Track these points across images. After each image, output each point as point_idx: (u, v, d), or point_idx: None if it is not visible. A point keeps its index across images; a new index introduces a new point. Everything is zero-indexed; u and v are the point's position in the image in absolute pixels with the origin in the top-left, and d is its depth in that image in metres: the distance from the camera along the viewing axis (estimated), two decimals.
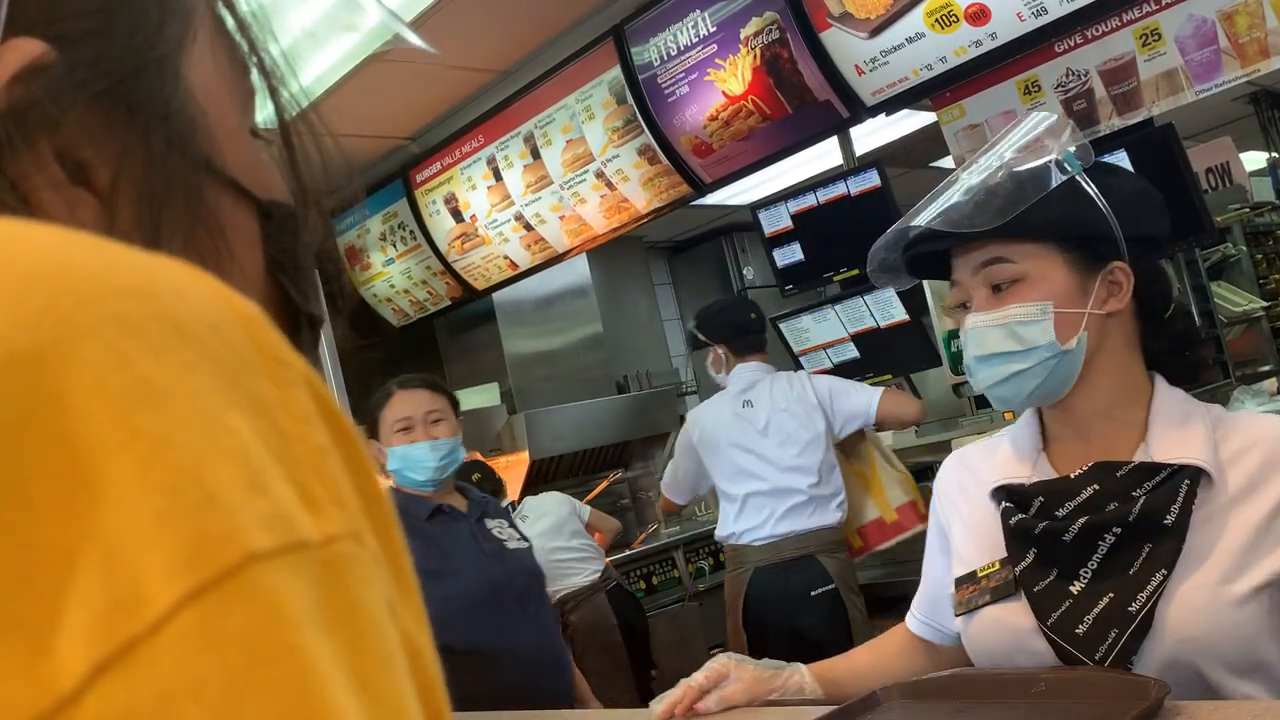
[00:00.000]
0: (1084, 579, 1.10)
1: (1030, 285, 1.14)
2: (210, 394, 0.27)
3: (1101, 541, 1.10)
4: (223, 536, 0.25)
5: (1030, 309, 1.14)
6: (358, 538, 0.28)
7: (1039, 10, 2.69)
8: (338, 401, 0.32)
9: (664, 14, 3.40)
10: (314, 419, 0.30)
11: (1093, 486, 1.13)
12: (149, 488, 0.25)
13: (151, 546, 0.25)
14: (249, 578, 0.25)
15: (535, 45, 3.80)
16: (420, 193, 4.44)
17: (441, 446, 2.35)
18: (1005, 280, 1.15)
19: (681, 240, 6.30)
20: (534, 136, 3.91)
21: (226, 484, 0.26)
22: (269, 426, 0.28)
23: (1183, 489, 1.08)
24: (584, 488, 4.82)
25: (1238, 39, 2.60)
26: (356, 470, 0.30)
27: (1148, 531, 1.08)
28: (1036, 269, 1.14)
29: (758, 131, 3.33)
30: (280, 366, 0.30)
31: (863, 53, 3.01)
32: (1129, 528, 1.08)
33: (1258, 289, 4.88)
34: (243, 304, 0.31)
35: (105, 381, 0.26)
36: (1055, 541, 1.12)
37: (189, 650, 0.24)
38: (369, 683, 0.26)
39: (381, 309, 4.97)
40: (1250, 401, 2.89)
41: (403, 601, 0.30)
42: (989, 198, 1.13)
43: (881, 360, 3.63)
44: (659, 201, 3.73)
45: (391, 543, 0.31)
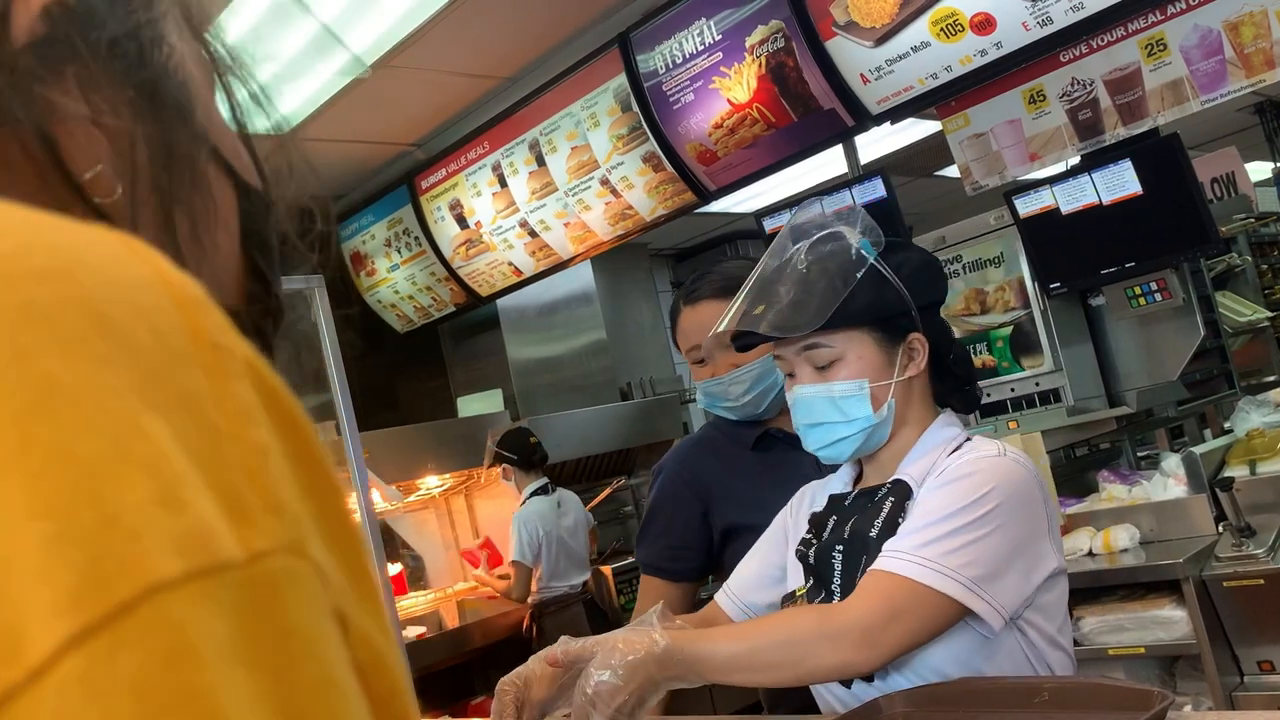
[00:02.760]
0: (836, 592, 1.31)
1: (846, 364, 1.32)
2: (125, 394, 0.24)
3: (834, 559, 1.32)
4: (120, 566, 0.22)
5: (849, 386, 1.32)
6: (295, 549, 0.26)
7: (1044, 20, 2.70)
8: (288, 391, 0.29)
9: (669, 22, 3.41)
10: (253, 414, 0.27)
11: (833, 517, 1.37)
12: (39, 510, 0.22)
13: (38, 578, 0.22)
14: (149, 612, 0.22)
15: (540, 52, 3.81)
16: (425, 199, 4.45)
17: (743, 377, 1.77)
18: (825, 361, 1.33)
19: (686, 247, 6.30)
20: (539, 143, 3.92)
21: (132, 502, 0.23)
22: (196, 427, 0.25)
23: (887, 504, 1.30)
24: (587, 494, 4.82)
25: (1243, 49, 2.60)
26: (306, 466, 0.28)
27: (861, 546, 1.29)
28: (851, 349, 1.32)
29: (762, 139, 3.33)
30: (218, 354, 0.27)
31: (868, 61, 3.01)
32: (846, 545, 1.31)
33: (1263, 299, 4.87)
34: (181, 285, 0.28)
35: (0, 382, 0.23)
36: (812, 563, 1.35)
37: (70, 703, 0.21)
38: (299, 714, 0.24)
39: (386, 315, 4.98)
40: (1255, 411, 2.88)
41: (361, 605, 0.28)
42: (805, 297, 1.30)
43: None
44: (663, 209, 3.73)
45: (347, 543, 0.29)
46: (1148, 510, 2.67)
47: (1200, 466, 2.65)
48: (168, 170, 0.39)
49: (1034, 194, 3.07)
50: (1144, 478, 2.80)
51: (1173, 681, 2.47)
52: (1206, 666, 2.34)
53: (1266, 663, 2.34)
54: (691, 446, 1.90)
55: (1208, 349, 3.41)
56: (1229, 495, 2.43)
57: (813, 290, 1.31)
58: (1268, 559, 2.31)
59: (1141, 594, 2.45)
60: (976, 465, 1.26)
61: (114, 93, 0.38)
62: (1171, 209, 2.89)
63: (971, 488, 1.23)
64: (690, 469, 1.84)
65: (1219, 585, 2.34)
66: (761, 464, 1.80)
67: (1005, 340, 3.22)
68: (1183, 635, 2.37)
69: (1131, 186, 2.92)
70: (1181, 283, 3.08)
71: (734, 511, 1.76)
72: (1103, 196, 2.97)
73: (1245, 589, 2.31)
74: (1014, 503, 1.23)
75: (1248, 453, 2.71)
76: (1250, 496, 2.52)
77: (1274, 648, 2.33)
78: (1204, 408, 3.71)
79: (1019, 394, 3.24)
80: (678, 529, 1.82)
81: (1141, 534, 2.64)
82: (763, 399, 1.78)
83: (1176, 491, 2.67)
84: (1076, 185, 3.01)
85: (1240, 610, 2.34)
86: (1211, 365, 3.58)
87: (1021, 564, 1.22)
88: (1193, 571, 2.36)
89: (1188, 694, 2.39)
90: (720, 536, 1.79)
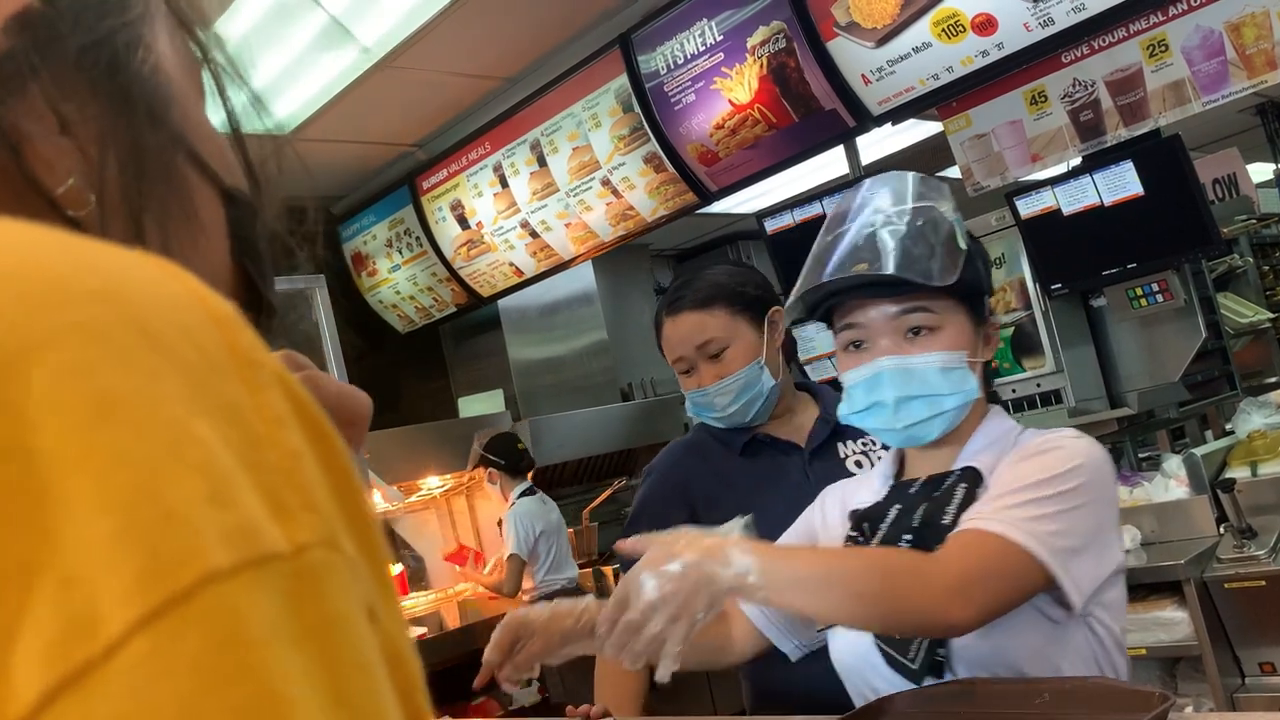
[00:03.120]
0: None
1: (945, 334, 1.25)
2: (176, 402, 0.27)
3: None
4: (180, 556, 0.24)
5: (954, 356, 1.25)
6: (332, 544, 0.28)
7: (1046, 21, 2.69)
8: (315, 401, 0.31)
9: (671, 22, 3.41)
10: (287, 421, 0.29)
11: (896, 506, 1.28)
12: (105, 506, 0.24)
13: (107, 568, 0.24)
14: (207, 598, 0.24)
15: (542, 53, 3.81)
16: (427, 199, 4.45)
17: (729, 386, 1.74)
18: (925, 327, 1.25)
19: (687, 248, 6.30)
20: (540, 144, 3.92)
21: (187, 499, 0.25)
22: (239, 433, 0.27)
23: (959, 491, 1.22)
24: (588, 495, 4.82)
25: (1245, 50, 2.60)
26: (333, 471, 0.30)
27: (930, 535, 1.19)
28: (950, 321, 1.26)
29: (764, 140, 3.33)
30: (253, 368, 0.29)
31: (869, 62, 3.01)
32: (915, 534, 1.22)
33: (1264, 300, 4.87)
34: (216, 303, 0.30)
35: (65, 394, 0.26)
36: None
37: (142, 677, 0.23)
38: (344, 695, 0.26)
39: (387, 315, 4.98)
40: (1256, 413, 2.88)
41: (384, 604, 0.29)
42: (924, 251, 1.22)
43: None
44: (665, 209, 3.73)
45: (371, 544, 0.30)
46: (1149, 511, 2.67)
47: (1201, 468, 2.65)
48: (138, 179, 0.40)
49: (1035, 195, 3.07)
50: (1145, 479, 2.80)
51: (1174, 683, 2.47)
52: (1208, 668, 2.34)
53: (1268, 664, 2.34)
54: (683, 450, 1.87)
55: (1209, 350, 3.40)
56: (1230, 497, 2.43)
57: (932, 247, 1.22)
58: (1269, 560, 2.31)
59: (1143, 595, 2.45)
60: (1060, 442, 1.22)
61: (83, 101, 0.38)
62: (1173, 210, 2.89)
63: (1058, 461, 1.18)
64: (680, 473, 1.81)
65: (1220, 587, 2.34)
66: (750, 470, 1.76)
67: (1006, 341, 3.22)
68: (1184, 636, 2.37)
69: (1133, 187, 2.92)
70: (1183, 284, 3.08)
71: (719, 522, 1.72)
72: (1104, 197, 2.97)
73: (1246, 590, 2.31)
74: (1097, 484, 1.18)
75: (1249, 454, 2.71)
76: (1251, 498, 2.52)
77: (1275, 649, 2.33)
78: (1205, 409, 3.71)
79: (1020, 395, 3.24)
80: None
81: (1143, 535, 2.64)
82: (749, 408, 1.75)
83: (1178, 493, 2.67)
84: (1078, 186, 3.01)
85: (1241, 612, 2.34)
86: (1213, 367, 3.57)
87: (1096, 548, 1.17)
88: (1194, 573, 2.36)
89: (1189, 695, 2.39)
90: None
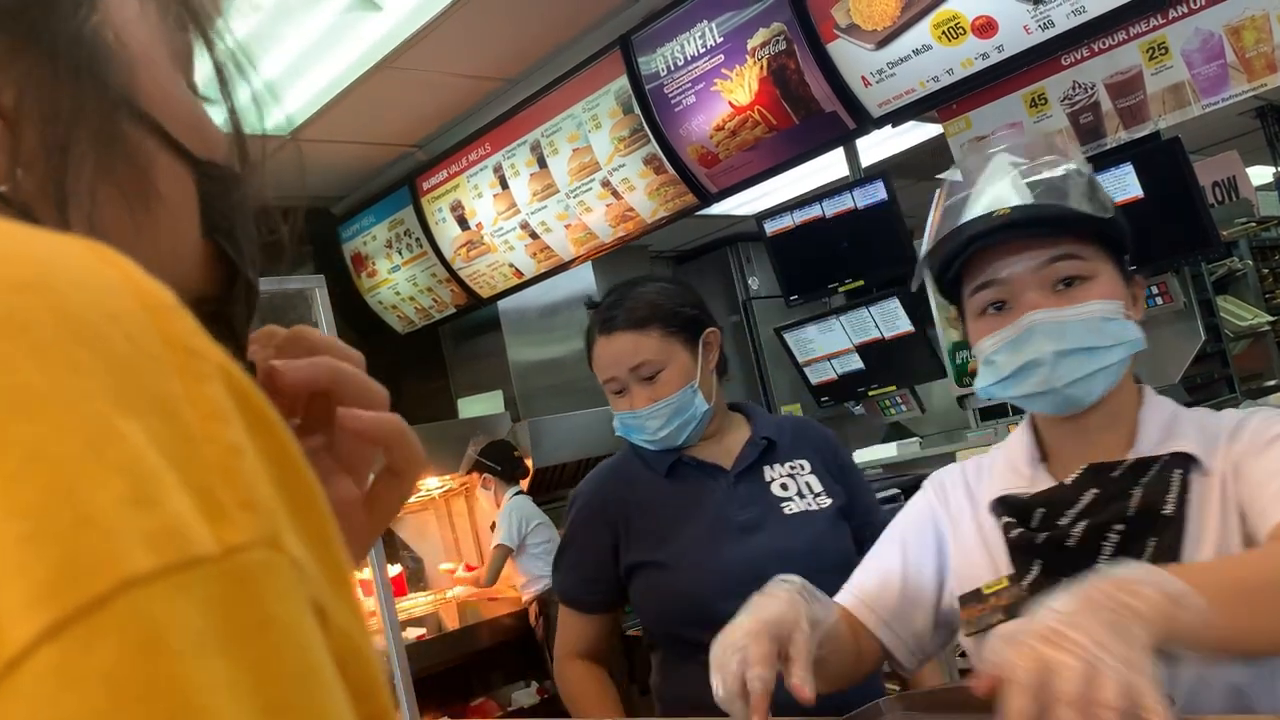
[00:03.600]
0: None
1: (1099, 284, 1.12)
2: (99, 397, 0.25)
3: (1105, 542, 1.08)
4: (94, 561, 0.23)
5: (1110, 305, 1.12)
6: (273, 543, 0.26)
7: (1046, 23, 2.70)
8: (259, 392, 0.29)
9: (671, 24, 3.41)
10: (227, 415, 0.27)
11: (1092, 491, 1.12)
12: (15, 509, 0.23)
13: (14, 575, 0.22)
14: (122, 606, 0.23)
15: (542, 54, 3.81)
16: (427, 200, 4.45)
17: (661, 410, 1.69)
18: (1077, 276, 1.12)
19: (687, 250, 6.30)
20: (540, 145, 3.92)
21: (106, 501, 0.24)
22: (170, 429, 0.26)
23: (1175, 477, 1.08)
24: None
25: (1244, 53, 2.60)
26: (281, 465, 0.28)
27: (1148, 525, 1.07)
28: (1102, 270, 1.13)
29: (764, 142, 3.33)
30: (191, 358, 0.28)
31: (870, 64, 3.01)
32: (1130, 523, 1.07)
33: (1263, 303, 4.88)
34: (152, 290, 0.28)
35: None
36: (1059, 550, 1.10)
37: (49, 690, 0.22)
38: (277, 704, 0.24)
39: (387, 316, 4.98)
40: None
41: (338, 600, 0.28)
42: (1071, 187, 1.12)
43: (886, 371, 3.63)
44: (665, 211, 3.73)
45: (324, 540, 0.29)
46: None
47: None
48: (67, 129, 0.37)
49: None
50: None
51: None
52: None
53: None
54: (608, 473, 1.81)
55: (1208, 353, 3.41)
56: None
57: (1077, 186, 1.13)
58: None
59: None
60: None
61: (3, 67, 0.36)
62: (1173, 213, 2.89)
63: None
64: (604, 498, 1.76)
65: None
66: (673, 493, 1.71)
67: None
68: None
69: (1133, 190, 2.92)
70: (1182, 286, 3.08)
71: (642, 549, 1.69)
72: None
73: None
74: None
75: None
76: None
77: None
78: None
79: None
80: (589, 561, 1.74)
81: None
82: (681, 431, 1.70)
83: None
84: None
85: None
86: (1212, 369, 3.58)
87: None
88: None
89: None
90: (625, 572, 1.71)
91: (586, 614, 1.77)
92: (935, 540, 1.28)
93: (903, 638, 1.27)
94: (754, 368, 6.00)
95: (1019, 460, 1.22)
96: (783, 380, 5.78)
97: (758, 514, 1.67)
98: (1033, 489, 1.17)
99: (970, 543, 1.23)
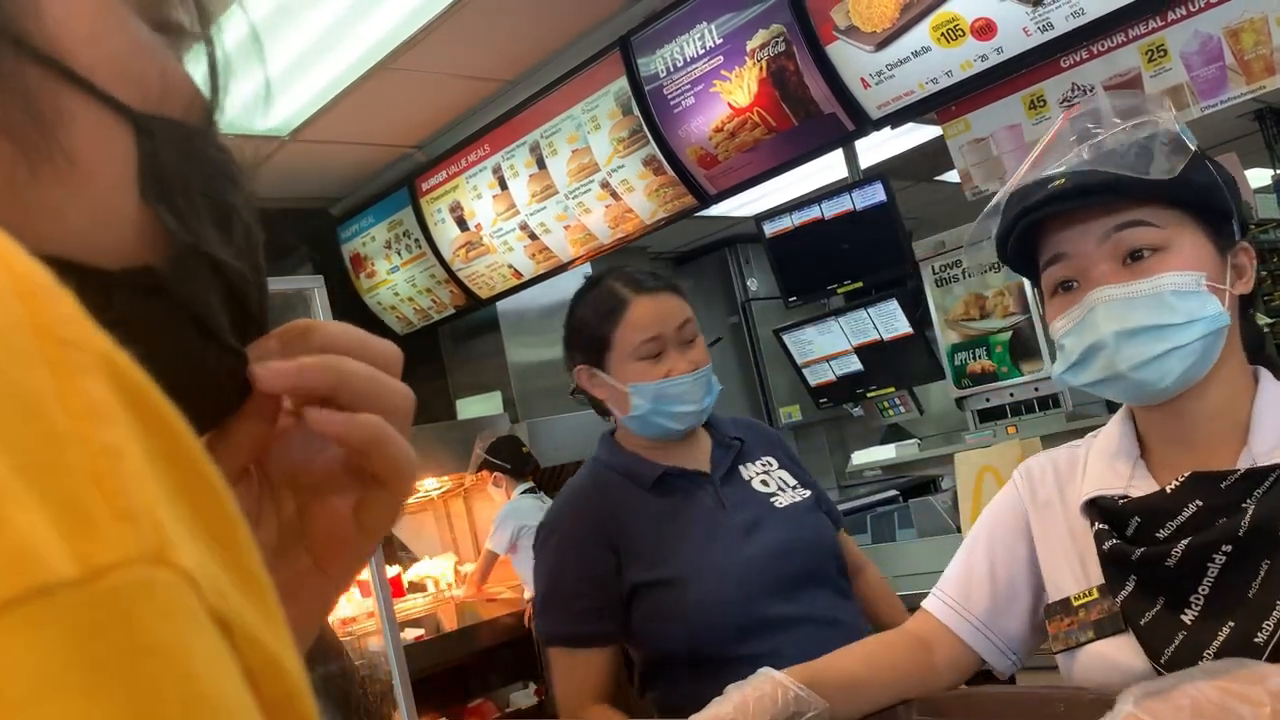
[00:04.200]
0: (1196, 607, 0.97)
1: (1174, 254, 1.01)
2: None
3: (1211, 563, 0.97)
4: None
5: (1184, 278, 1.00)
6: (154, 557, 0.22)
7: (1045, 25, 2.70)
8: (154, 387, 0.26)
9: (671, 25, 3.41)
10: (106, 413, 0.24)
11: (1195, 503, 1.00)
12: None
13: None
14: None
15: (542, 55, 3.81)
16: (426, 201, 4.45)
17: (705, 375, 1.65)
18: (1147, 247, 1.01)
19: (686, 251, 6.30)
20: (540, 146, 3.92)
21: None
22: (32, 431, 0.23)
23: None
24: None
25: (1243, 56, 2.60)
26: (178, 465, 0.25)
27: (1263, 547, 0.95)
28: (1179, 238, 1.02)
29: (763, 143, 3.33)
30: (64, 349, 0.24)
31: (869, 66, 3.01)
32: (1240, 544, 0.96)
33: (1262, 306, 4.88)
34: (23, 271, 0.25)
35: None
36: (1157, 567, 1.00)
37: None
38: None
39: (386, 317, 4.98)
40: None
41: (252, 606, 0.25)
42: (1144, 151, 1.00)
43: (885, 373, 3.63)
44: (664, 212, 3.74)
45: (231, 542, 0.26)
46: None
47: None
48: None
49: None
50: None
51: None
52: None
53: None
54: (590, 493, 1.68)
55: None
56: None
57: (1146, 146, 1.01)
58: None
59: None
60: None
61: None
62: None
63: None
64: (596, 518, 1.63)
65: None
66: (664, 506, 1.62)
67: (1004, 345, 3.22)
68: None
69: None
70: None
71: (640, 568, 1.58)
72: None
73: None
74: None
75: None
76: None
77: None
78: None
79: (1018, 399, 3.24)
80: (591, 590, 1.58)
81: None
82: (706, 412, 1.64)
83: None
84: None
85: None
86: None
87: None
88: None
89: None
90: (628, 594, 1.58)
91: (596, 648, 1.59)
92: (1026, 537, 1.19)
93: (997, 642, 1.20)
94: (752, 369, 6.01)
95: (1115, 455, 1.11)
96: (781, 382, 5.79)
97: (753, 513, 1.63)
98: (1129, 489, 1.07)
99: (1058, 543, 1.14)
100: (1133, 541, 1.03)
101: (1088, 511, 1.09)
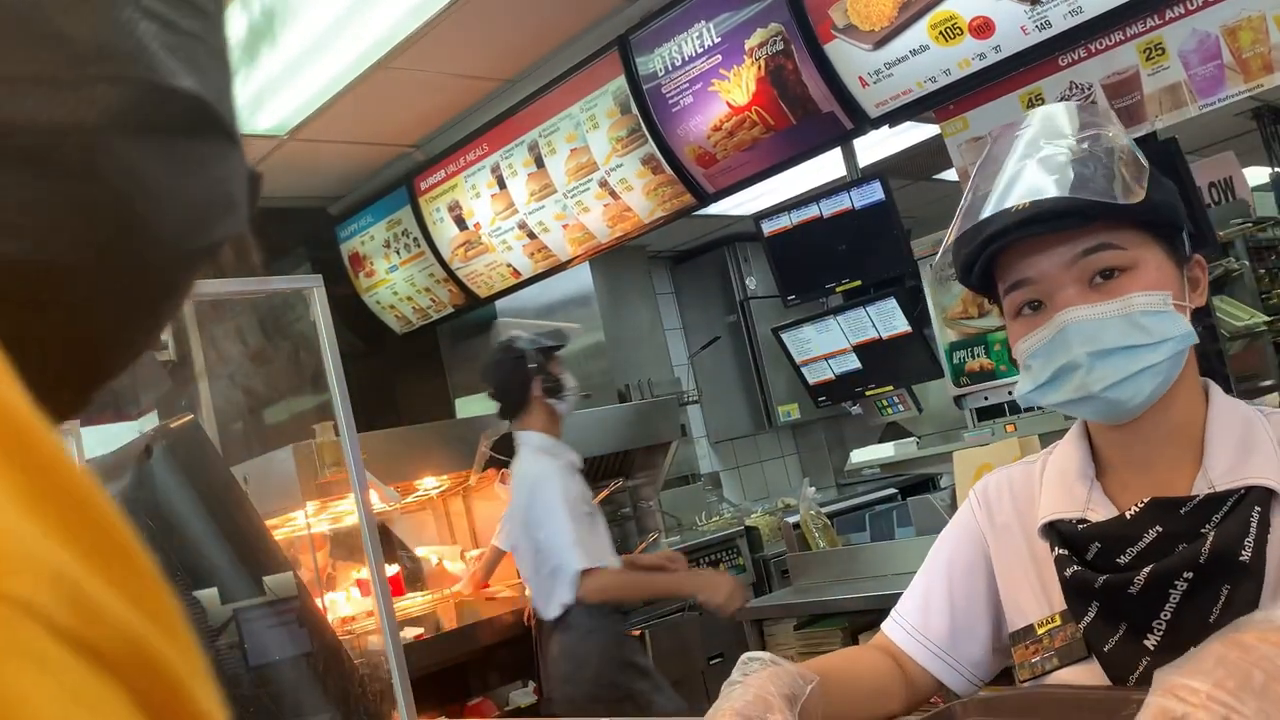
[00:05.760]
0: (1158, 633, 0.98)
1: (1141, 274, 1.01)
2: None
3: (1173, 590, 0.97)
4: None
5: (1153, 298, 1.00)
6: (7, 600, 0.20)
7: (1043, 24, 2.70)
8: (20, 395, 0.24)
9: (669, 24, 3.41)
10: None
11: (1155, 529, 1.00)
12: None
13: None
14: None
15: (540, 54, 3.81)
16: (424, 200, 4.45)
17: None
18: (1116, 268, 1.01)
19: (684, 250, 6.31)
20: (538, 145, 3.92)
21: None
22: None
23: (1254, 517, 0.97)
24: None
25: (1241, 54, 2.60)
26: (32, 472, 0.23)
27: (1223, 573, 0.96)
28: (1144, 257, 1.02)
29: (761, 142, 3.33)
30: None
31: (867, 64, 3.01)
32: (1200, 571, 0.97)
33: (1260, 304, 4.88)
34: None
35: None
36: (1120, 594, 1.00)
37: None
38: None
39: (385, 316, 4.98)
40: None
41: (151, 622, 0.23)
42: (1105, 174, 1.00)
43: (883, 371, 3.63)
44: (662, 211, 3.74)
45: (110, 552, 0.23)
46: None
47: None
48: None
49: None
50: None
51: None
52: None
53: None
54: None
55: (1204, 354, 3.41)
56: None
57: (1107, 167, 1.00)
58: None
59: None
60: None
61: None
62: None
63: None
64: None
65: None
66: None
67: (1003, 343, 3.23)
68: None
69: None
70: None
71: None
72: None
73: None
74: None
75: None
76: None
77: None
78: None
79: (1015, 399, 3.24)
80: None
81: None
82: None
83: None
84: None
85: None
86: (1209, 369, 3.58)
87: None
88: None
89: None
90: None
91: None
92: (984, 560, 1.19)
93: (958, 668, 1.20)
94: (751, 368, 6.01)
95: (1071, 476, 1.11)
96: (780, 380, 5.79)
97: None
98: (1087, 512, 1.07)
99: (1018, 567, 1.14)
100: (1093, 567, 1.03)
101: (1046, 534, 1.09)
